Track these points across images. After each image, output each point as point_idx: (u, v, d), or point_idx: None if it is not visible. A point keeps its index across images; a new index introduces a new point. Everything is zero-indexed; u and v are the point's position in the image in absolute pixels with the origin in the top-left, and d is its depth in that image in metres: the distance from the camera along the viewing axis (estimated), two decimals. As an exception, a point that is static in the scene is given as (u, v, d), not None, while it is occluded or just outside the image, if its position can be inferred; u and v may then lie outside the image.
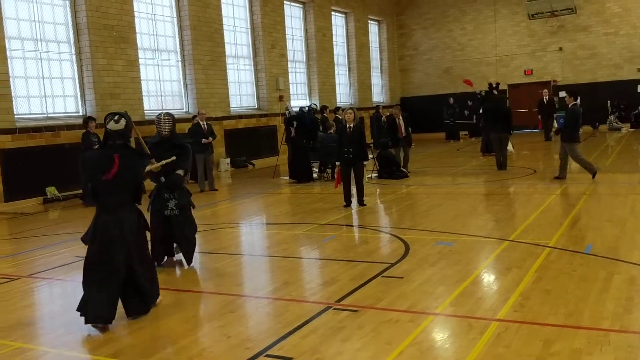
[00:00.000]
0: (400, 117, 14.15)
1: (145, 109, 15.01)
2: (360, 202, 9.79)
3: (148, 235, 5.44)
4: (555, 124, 22.20)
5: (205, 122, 13.21)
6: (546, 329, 4.20)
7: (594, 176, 11.00)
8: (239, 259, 7.16)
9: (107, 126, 4.97)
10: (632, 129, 22.95)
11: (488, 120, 14.86)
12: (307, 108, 14.60)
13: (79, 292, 6.18)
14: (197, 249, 6.81)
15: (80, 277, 6.68)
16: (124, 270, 4.90)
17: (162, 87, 16.16)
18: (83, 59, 13.62)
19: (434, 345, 4.10)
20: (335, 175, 9.98)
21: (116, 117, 4.98)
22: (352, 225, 8.67)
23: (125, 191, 5.00)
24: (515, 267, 5.76)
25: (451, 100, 23.78)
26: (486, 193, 11.03)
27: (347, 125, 9.59)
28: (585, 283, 5.13)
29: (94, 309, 4.74)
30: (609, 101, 23.40)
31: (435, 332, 4.39)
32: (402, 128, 14.03)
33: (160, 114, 6.62)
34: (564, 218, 8.02)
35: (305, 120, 13.97)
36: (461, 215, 8.73)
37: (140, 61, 15.02)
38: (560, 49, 25.19)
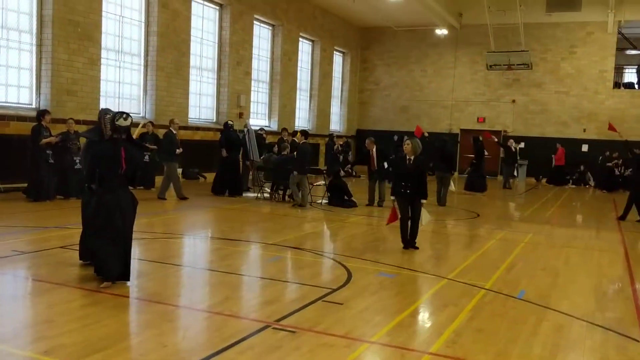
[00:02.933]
0: (374, 150, 13.81)
1: (101, 108, 14.76)
2: (412, 244, 8.73)
3: None
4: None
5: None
6: (475, 365, 4.36)
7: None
8: (181, 270, 7.11)
9: (117, 122, 5.88)
10: (574, 186, 23.99)
11: (433, 160, 15.60)
12: (231, 123, 15.32)
13: (12, 286, 6.04)
14: (140, 257, 6.75)
15: (15, 272, 6.53)
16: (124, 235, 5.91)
17: (122, 89, 15.96)
18: (43, 51, 13.36)
19: (367, 372, 4.19)
20: (391, 211, 8.91)
21: (125, 115, 5.94)
22: (298, 248, 8.73)
23: (123, 176, 5.99)
24: (452, 304, 5.95)
25: (395, 137, 24.19)
26: (431, 230, 11.32)
27: (407, 158, 8.59)
28: (516, 326, 5.35)
29: (115, 268, 5.77)
30: (553, 156, 24.42)
31: (368, 359, 4.49)
32: (375, 161, 13.74)
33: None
34: (501, 263, 8.32)
35: (230, 135, 14.65)
36: (405, 250, 8.92)
37: (102, 61, 14.83)
38: (514, 101, 26.24)
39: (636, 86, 25.95)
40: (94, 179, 6.02)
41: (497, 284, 6.98)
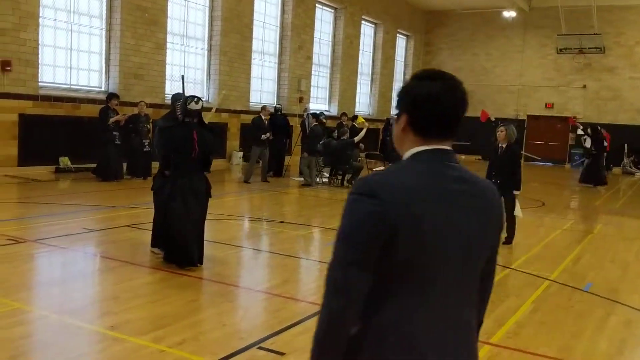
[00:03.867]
0: None
1: (166, 92, 15.15)
2: (508, 240, 8.02)
3: None
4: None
5: (267, 119, 13.75)
6: (537, 359, 4.23)
7: None
8: (242, 251, 7.22)
9: (189, 106, 5.87)
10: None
11: None
12: (278, 107, 15.59)
13: (82, 262, 6.29)
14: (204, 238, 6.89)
15: (84, 248, 6.80)
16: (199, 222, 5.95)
17: (186, 73, 16.26)
18: (112, 35, 13.76)
19: None
20: None
21: (196, 99, 5.93)
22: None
23: (197, 160, 5.97)
24: (514, 295, 5.80)
25: None
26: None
27: (500, 145, 8.00)
28: (581, 319, 5.16)
29: (195, 252, 5.82)
30: (626, 144, 23.32)
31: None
32: None
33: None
34: (567, 253, 8.03)
35: (276, 120, 14.68)
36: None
37: (168, 45, 15.16)
38: (584, 86, 25.17)
39: None
40: (168, 165, 6.00)
41: (563, 275, 6.74)
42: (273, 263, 6.75)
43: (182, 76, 6.70)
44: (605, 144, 18.07)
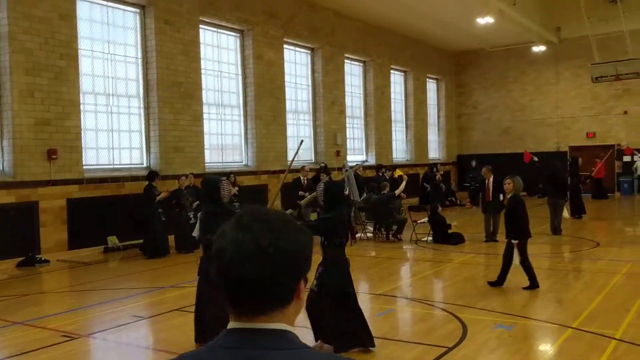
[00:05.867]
0: (491, 179, 12.92)
1: (206, 162, 15.43)
2: (499, 283, 8.62)
3: None
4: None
5: (306, 178, 13.64)
6: None
7: None
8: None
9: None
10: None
11: (545, 184, 14.84)
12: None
13: (133, 356, 6.27)
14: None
15: (137, 342, 6.77)
16: None
17: (224, 140, 16.60)
18: (151, 113, 14.18)
19: None
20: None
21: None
22: (406, 298, 8.51)
23: None
24: (581, 363, 5.51)
25: (473, 163, 23.39)
26: (548, 267, 10.66)
27: (506, 196, 8.87)
28: (658, 391, 4.84)
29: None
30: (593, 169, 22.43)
31: None
32: (490, 191, 12.90)
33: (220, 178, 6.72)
34: (631, 304, 7.63)
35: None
36: (521, 293, 8.44)
37: (204, 115, 15.52)
38: (626, 112, 24.57)
39: None
40: None
41: (629, 331, 6.39)
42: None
43: (301, 141, 6.71)
44: None
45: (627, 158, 23.57)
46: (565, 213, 14.30)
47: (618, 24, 22.41)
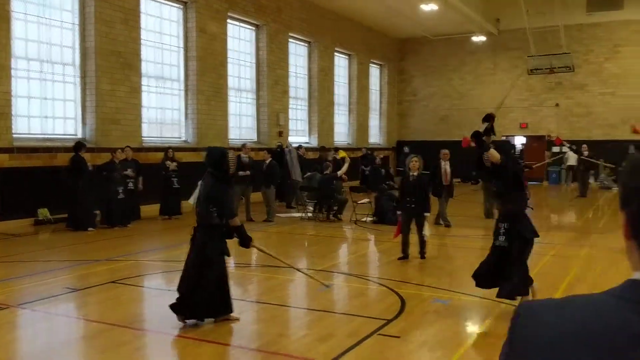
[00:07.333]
0: (448, 164, 12.82)
1: (143, 136, 15.00)
2: (421, 255, 9.22)
3: None
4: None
5: (247, 157, 13.77)
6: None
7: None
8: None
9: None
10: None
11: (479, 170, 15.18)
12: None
13: (65, 329, 6.05)
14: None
15: (69, 312, 6.54)
16: None
17: (163, 114, 16.17)
18: (87, 82, 13.62)
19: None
20: (397, 225, 9.34)
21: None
22: (347, 274, 8.58)
23: None
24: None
25: (406, 149, 24.11)
26: (480, 247, 10.98)
27: (411, 174, 9.14)
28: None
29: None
30: (601, 160, 23.64)
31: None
32: (449, 176, 12.84)
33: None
34: (560, 283, 7.96)
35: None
36: (457, 271, 8.69)
37: (143, 88, 15.06)
38: (557, 104, 25.58)
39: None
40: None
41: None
42: (264, 316, 6.55)
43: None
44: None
45: (556, 149, 24.57)
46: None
47: (554, 18, 23.24)
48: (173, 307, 5.72)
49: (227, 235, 5.89)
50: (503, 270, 6.27)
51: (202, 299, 5.69)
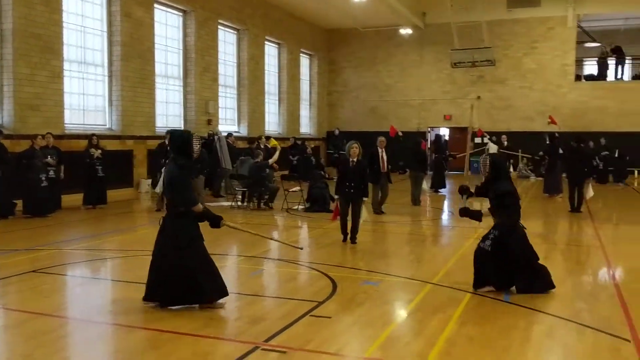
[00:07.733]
0: (384, 151, 12.88)
1: (65, 122, 14.41)
2: (352, 240, 9.48)
3: None
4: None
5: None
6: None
7: None
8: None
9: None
10: (539, 178, 24.30)
11: (407, 160, 15.61)
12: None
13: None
14: (113, 278, 6.52)
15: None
16: None
17: (86, 101, 15.58)
18: (4, 66, 12.92)
19: (365, 391, 4.10)
20: (334, 209, 9.57)
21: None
22: (278, 259, 8.61)
23: None
24: (440, 311, 5.90)
25: (336, 131, 24.94)
26: (409, 232, 11.31)
27: (350, 160, 9.32)
28: (508, 331, 5.32)
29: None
30: (520, 150, 24.72)
31: (365, 377, 4.41)
32: (386, 163, 12.87)
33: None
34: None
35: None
36: (386, 255, 8.90)
37: (65, 73, 14.44)
38: (479, 97, 26.53)
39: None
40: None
41: (482, 286, 6.94)
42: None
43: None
44: (561, 151, 17.16)
45: (478, 140, 25.46)
46: (425, 185, 15.20)
47: (477, 13, 24.07)
48: (145, 298, 5.73)
49: (198, 219, 5.81)
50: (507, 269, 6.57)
51: (180, 285, 5.65)
